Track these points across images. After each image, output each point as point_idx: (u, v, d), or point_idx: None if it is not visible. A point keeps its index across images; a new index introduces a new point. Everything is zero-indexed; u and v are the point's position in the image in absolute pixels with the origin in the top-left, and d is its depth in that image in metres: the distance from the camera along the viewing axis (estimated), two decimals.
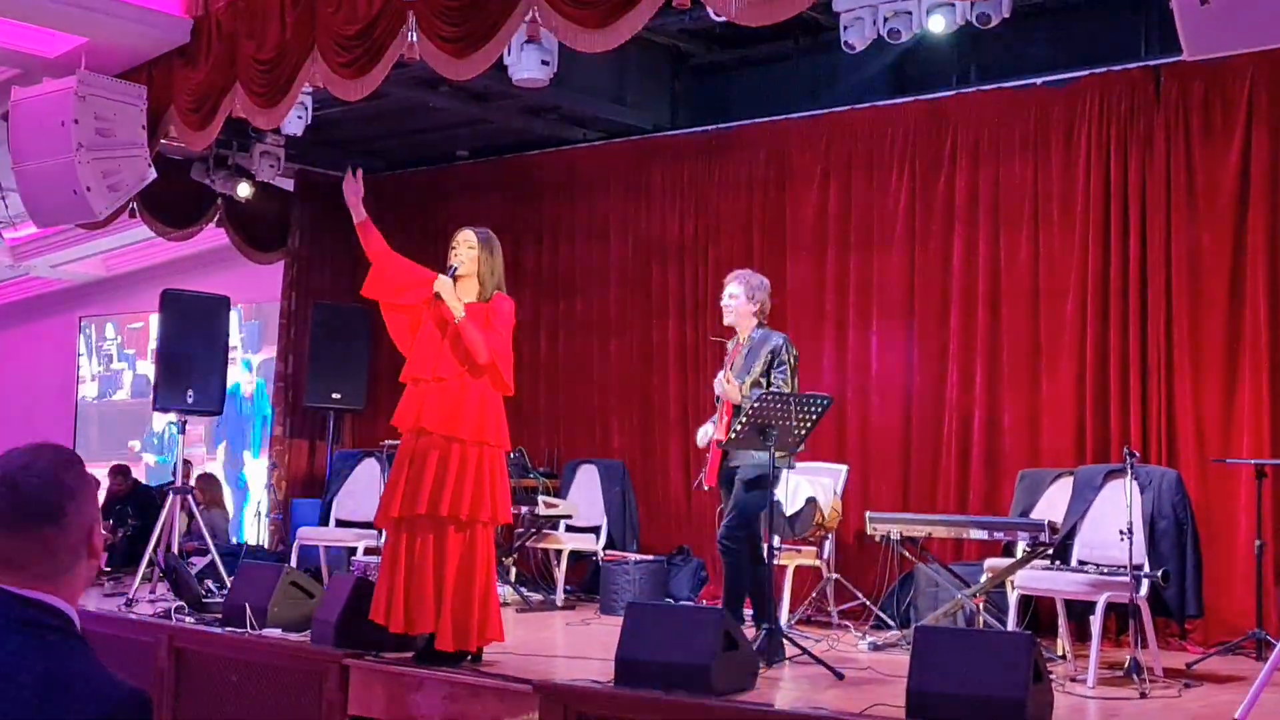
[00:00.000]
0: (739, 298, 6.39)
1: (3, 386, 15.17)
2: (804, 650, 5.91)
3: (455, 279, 5.82)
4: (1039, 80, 7.94)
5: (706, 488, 6.48)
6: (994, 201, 8.07)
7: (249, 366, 13.14)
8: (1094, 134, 7.68)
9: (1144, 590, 5.75)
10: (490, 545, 5.76)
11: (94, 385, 14.78)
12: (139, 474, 12.32)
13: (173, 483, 8.81)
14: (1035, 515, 6.86)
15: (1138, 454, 6.00)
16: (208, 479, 11.34)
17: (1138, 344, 7.48)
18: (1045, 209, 7.87)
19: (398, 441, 6.02)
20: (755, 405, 5.86)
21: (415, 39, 6.66)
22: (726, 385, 6.21)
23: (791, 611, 7.51)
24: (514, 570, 8.95)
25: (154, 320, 13.27)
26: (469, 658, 5.75)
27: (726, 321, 6.47)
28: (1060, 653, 6.30)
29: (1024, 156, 7.95)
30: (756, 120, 9.16)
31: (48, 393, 14.85)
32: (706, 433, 6.48)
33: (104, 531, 9.93)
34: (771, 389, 6.08)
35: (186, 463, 11.62)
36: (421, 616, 5.67)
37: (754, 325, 6.42)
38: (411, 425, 5.76)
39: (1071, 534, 6.41)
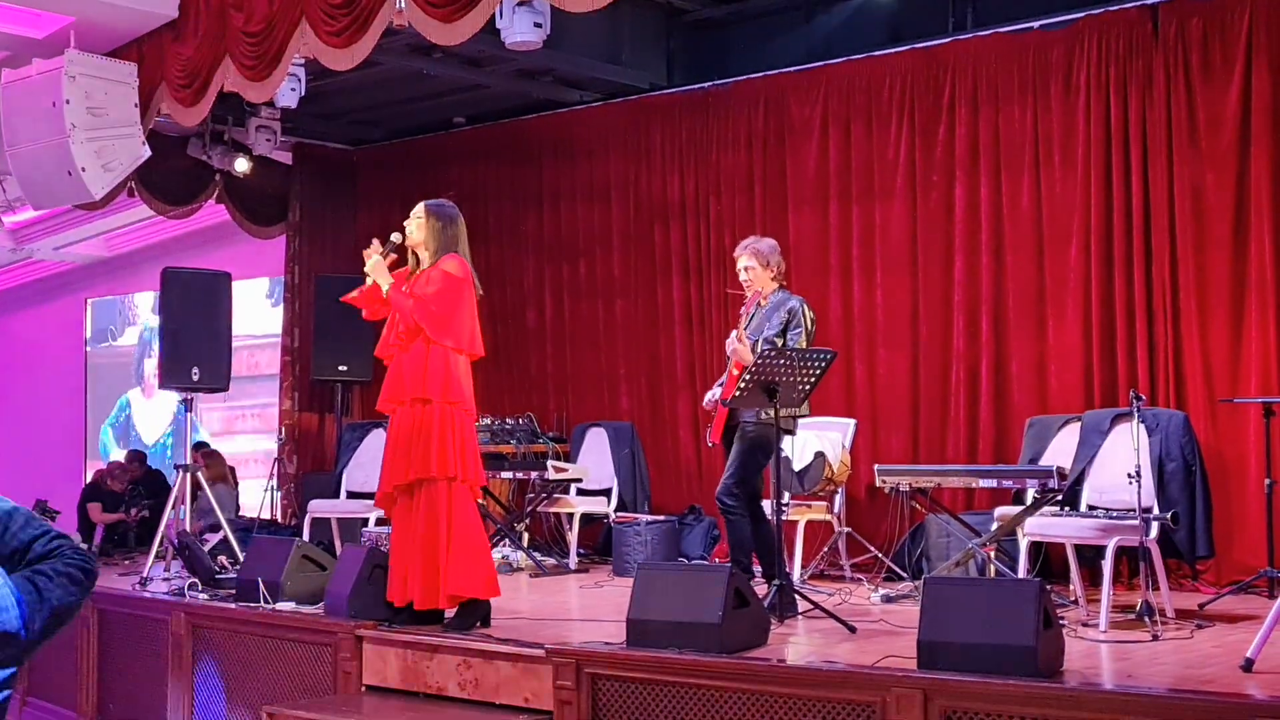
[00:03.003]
0: (755, 269, 6.40)
1: (12, 370, 15.20)
2: (816, 605, 5.91)
3: (394, 249, 5.94)
4: (1036, 24, 7.86)
5: (711, 444, 6.48)
6: (994, 148, 8.01)
7: None
8: (1093, 76, 7.61)
9: (1154, 533, 5.73)
10: (444, 503, 5.70)
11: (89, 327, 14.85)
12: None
13: (183, 461, 8.81)
14: (1044, 462, 6.84)
15: (1144, 397, 5.98)
16: (211, 454, 11.36)
17: (1143, 286, 7.44)
18: (1046, 153, 7.81)
19: None
20: (759, 363, 5.84)
21: (403, 5, 6.61)
22: (739, 345, 6.19)
23: (803, 566, 7.52)
24: (526, 535, 8.97)
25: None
26: (480, 623, 5.78)
27: (750, 293, 6.46)
28: (1072, 598, 6.30)
29: (1023, 101, 7.89)
30: (753, 75, 9.09)
31: (57, 375, 14.87)
32: (713, 396, 6.47)
33: (120, 514, 9.99)
34: (771, 348, 6.04)
35: (202, 444, 11.67)
36: (391, 585, 5.86)
37: (775, 288, 6.44)
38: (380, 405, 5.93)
39: (1080, 479, 6.39)
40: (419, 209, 5.98)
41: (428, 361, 5.73)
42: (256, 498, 10.98)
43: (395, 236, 5.97)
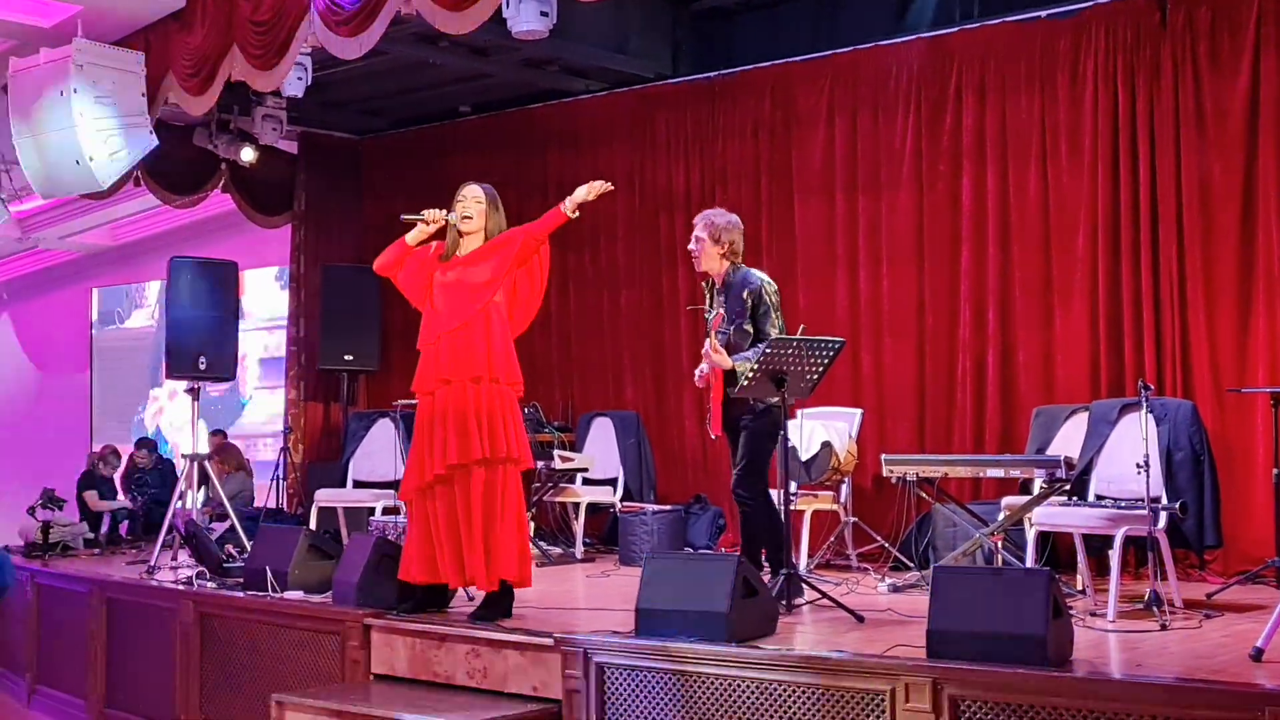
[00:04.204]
0: (704, 241, 6.24)
1: (19, 359, 15.22)
2: (823, 594, 5.92)
3: (460, 234, 5.86)
4: (1043, 13, 7.85)
5: (714, 437, 6.43)
6: (1001, 138, 8.00)
7: None
8: (1100, 66, 7.60)
9: (1162, 523, 5.74)
10: (503, 484, 5.68)
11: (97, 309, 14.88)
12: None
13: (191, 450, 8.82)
14: (1051, 452, 6.84)
15: (1152, 386, 5.96)
16: (226, 446, 11.39)
17: (1150, 276, 7.43)
18: (1053, 144, 7.80)
19: (413, 402, 6.02)
20: (767, 351, 5.82)
21: None
22: (715, 355, 6.10)
23: (810, 556, 7.53)
24: (532, 525, 8.97)
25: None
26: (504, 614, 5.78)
27: (698, 268, 6.36)
28: (1079, 588, 6.30)
29: (1030, 91, 7.88)
30: (759, 64, 9.08)
31: (63, 364, 14.89)
32: (701, 370, 6.37)
33: (124, 501, 10.03)
34: (779, 337, 6.00)
35: (220, 432, 11.69)
36: (421, 565, 5.80)
37: (726, 267, 6.25)
38: (423, 386, 5.82)
39: (1088, 469, 6.39)
40: (478, 193, 5.88)
41: (490, 341, 5.70)
42: (261, 486, 11.01)
43: (436, 214, 5.86)
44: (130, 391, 14.47)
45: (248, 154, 10.39)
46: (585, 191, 5.73)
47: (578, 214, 5.79)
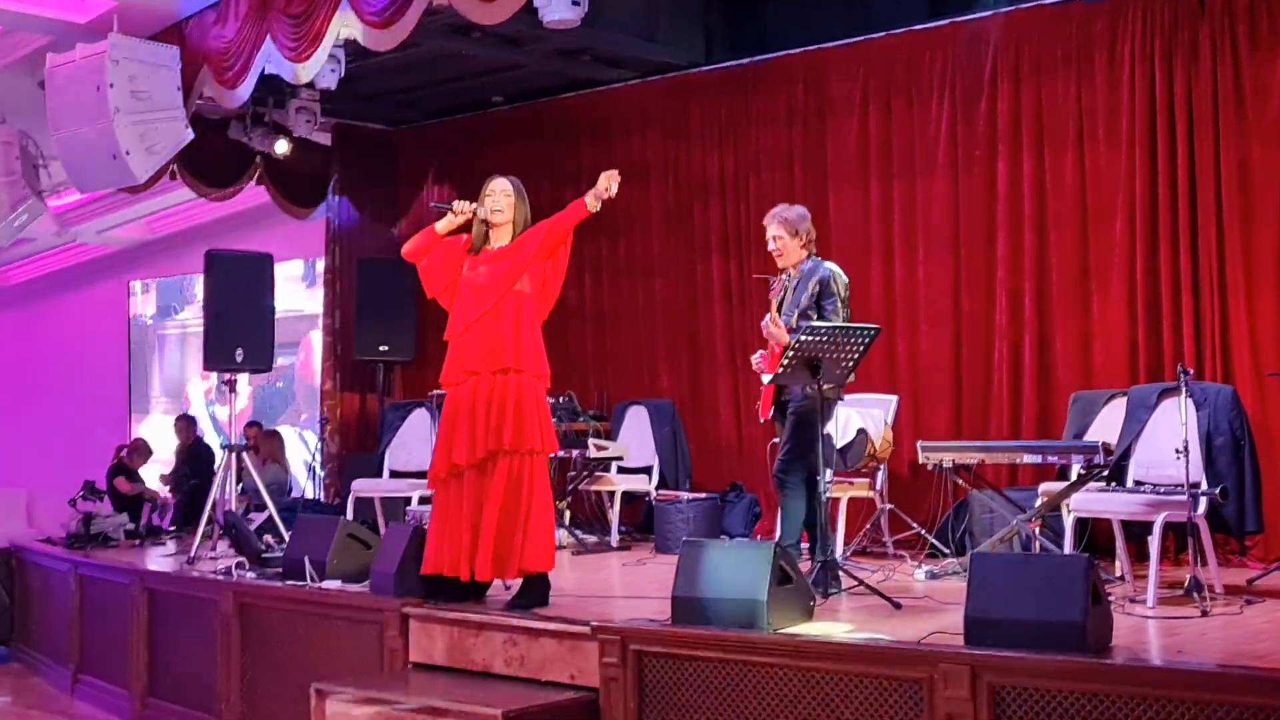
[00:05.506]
0: (784, 238, 6.37)
1: (57, 353, 15.35)
2: (860, 581, 5.91)
3: (488, 226, 5.87)
4: None
5: (763, 420, 6.46)
6: (1038, 123, 7.95)
7: None
8: (1138, 48, 7.53)
9: (1202, 508, 5.69)
10: (529, 475, 5.70)
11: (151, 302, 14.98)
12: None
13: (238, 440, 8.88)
14: (1089, 437, 6.79)
15: (1191, 371, 5.92)
16: (269, 435, 11.45)
17: (1189, 260, 7.37)
18: (1090, 128, 7.74)
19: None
20: (801, 340, 5.83)
21: None
22: (774, 328, 6.16)
23: (846, 543, 7.51)
24: (568, 513, 9.00)
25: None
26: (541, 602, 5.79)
27: (781, 265, 6.44)
28: (1118, 574, 6.27)
29: (1067, 75, 7.81)
30: (792, 51, 9.04)
31: (101, 358, 15.00)
32: (757, 360, 6.43)
33: (164, 492, 10.09)
34: (817, 322, 6.02)
35: (257, 424, 11.75)
36: (438, 558, 5.82)
37: (805, 257, 6.39)
38: (450, 379, 5.85)
39: (1126, 454, 6.34)
40: (506, 186, 5.87)
41: (519, 331, 5.73)
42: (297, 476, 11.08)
43: (465, 205, 5.88)
44: (181, 382, 14.59)
45: (282, 146, 10.44)
46: (604, 184, 5.69)
47: (599, 207, 5.75)
